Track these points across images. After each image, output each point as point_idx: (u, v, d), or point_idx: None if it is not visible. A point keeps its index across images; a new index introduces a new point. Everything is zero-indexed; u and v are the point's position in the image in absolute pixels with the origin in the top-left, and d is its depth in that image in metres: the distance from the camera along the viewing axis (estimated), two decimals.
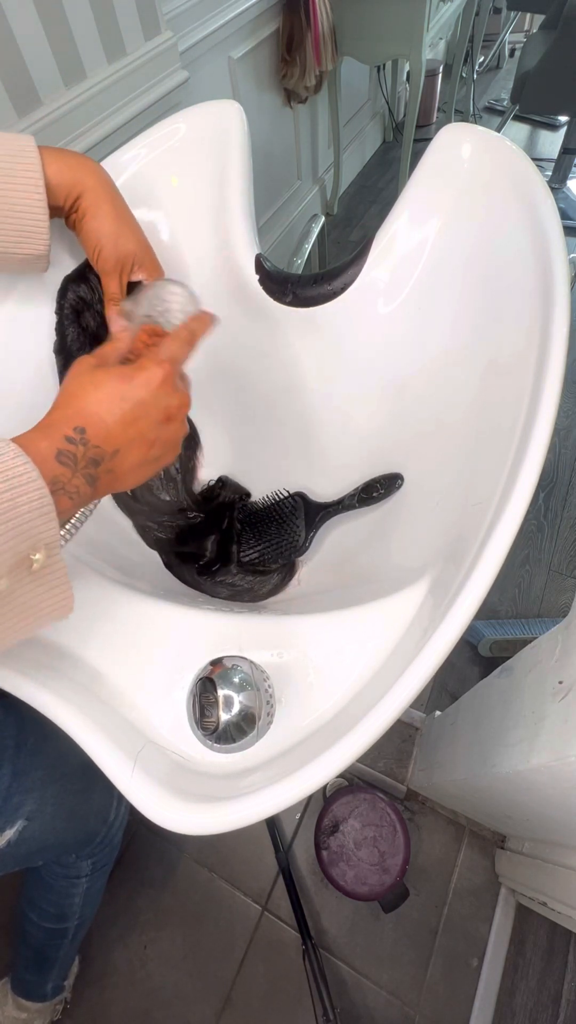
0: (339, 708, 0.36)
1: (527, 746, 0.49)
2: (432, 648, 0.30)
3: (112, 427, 0.30)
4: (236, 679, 0.34)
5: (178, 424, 0.34)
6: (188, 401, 0.35)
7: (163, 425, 0.33)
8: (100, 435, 0.30)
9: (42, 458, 0.27)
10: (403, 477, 0.51)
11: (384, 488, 0.52)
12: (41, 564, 0.26)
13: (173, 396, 0.33)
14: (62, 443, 0.28)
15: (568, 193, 2.13)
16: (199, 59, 1.18)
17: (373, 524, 0.54)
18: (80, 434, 0.29)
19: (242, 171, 0.53)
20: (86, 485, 0.29)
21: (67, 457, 0.28)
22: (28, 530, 0.25)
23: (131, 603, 0.42)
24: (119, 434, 0.31)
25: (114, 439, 0.30)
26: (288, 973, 0.86)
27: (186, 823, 0.29)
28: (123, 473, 0.32)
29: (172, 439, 0.34)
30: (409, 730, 0.98)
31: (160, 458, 0.34)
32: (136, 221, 0.44)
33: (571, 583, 1.24)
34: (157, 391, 0.32)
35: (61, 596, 0.29)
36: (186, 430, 0.36)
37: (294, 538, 0.55)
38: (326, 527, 0.57)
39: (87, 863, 0.67)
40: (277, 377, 0.59)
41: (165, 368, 0.33)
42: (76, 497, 0.29)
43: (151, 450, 0.33)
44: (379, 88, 2.24)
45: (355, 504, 0.53)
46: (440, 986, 0.84)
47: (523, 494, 0.31)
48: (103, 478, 0.31)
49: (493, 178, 0.45)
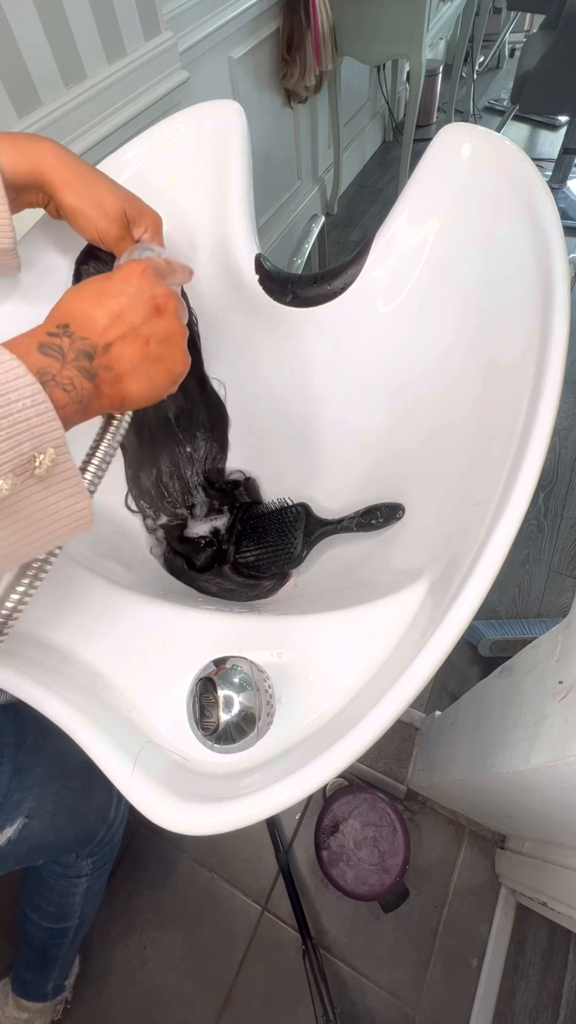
0: (339, 708, 0.36)
1: (527, 746, 0.49)
2: (432, 648, 0.30)
3: (98, 319, 0.29)
4: (236, 679, 0.34)
5: (171, 318, 0.33)
6: (176, 297, 0.34)
7: (154, 318, 0.32)
8: (86, 327, 0.29)
9: (23, 351, 0.26)
10: (404, 509, 0.50)
11: (384, 517, 0.51)
12: (47, 468, 0.25)
13: (157, 287, 0.33)
14: (44, 338, 0.28)
15: (568, 193, 2.13)
16: (199, 59, 1.18)
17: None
18: (63, 328, 0.28)
19: (242, 171, 0.53)
20: (82, 379, 0.28)
21: (51, 349, 0.27)
22: (27, 427, 0.24)
23: (131, 603, 0.42)
24: (107, 327, 0.30)
25: (102, 331, 0.29)
26: (288, 973, 0.86)
27: (186, 823, 0.29)
28: (124, 371, 0.30)
29: (167, 334, 0.33)
30: (409, 730, 0.98)
31: (164, 358, 0.33)
32: (109, 178, 0.42)
33: (571, 583, 1.24)
34: (139, 283, 0.32)
35: (77, 504, 0.27)
36: (185, 331, 0.35)
37: (291, 548, 0.55)
38: (324, 543, 0.56)
39: (87, 862, 0.67)
40: (277, 377, 0.59)
41: (143, 262, 0.33)
42: (72, 391, 0.28)
43: (149, 346, 0.31)
44: (379, 88, 2.24)
45: (353, 527, 0.53)
46: (440, 986, 0.84)
47: (523, 494, 0.31)
48: (102, 375, 0.29)
49: (493, 178, 0.45)
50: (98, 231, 0.41)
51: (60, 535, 0.27)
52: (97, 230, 0.41)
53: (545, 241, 0.40)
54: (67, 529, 0.27)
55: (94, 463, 0.31)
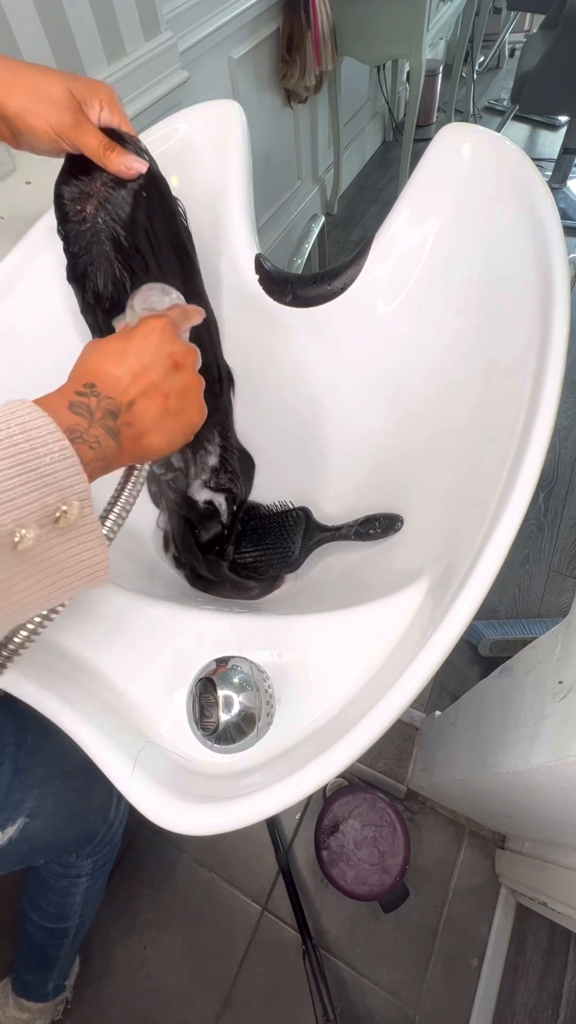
0: (339, 708, 0.36)
1: (527, 746, 0.49)
2: (432, 648, 0.30)
3: (121, 378, 0.31)
4: (236, 679, 0.34)
5: (189, 373, 0.34)
6: (195, 352, 0.35)
7: (174, 374, 0.33)
8: (110, 387, 0.30)
9: (54, 410, 0.27)
10: (402, 520, 0.51)
11: (382, 528, 0.52)
12: (71, 520, 0.26)
13: (176, 344, 0.34)
14: (73, 397, 0.29)
15: (568, 193, 2.13)
16: (199, 59, 1.18)
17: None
18: (90, 388, 0.30)
19: (242, 171, 0.53)
20: (107, 437, 0.29)
21: (80, 408, 0.29)
22: (55, 480, 0.25)
23: (131, 604, 0.42)
24: (129, 385, 0.31)
25: (125, 390, 0.31)
26: (288, 973, 0.86)
27: (186, 823, 0.29)
28: (145, 427, 0.32)
29: (188, 389, 0.34)
30: (409, 730, 0.98)
31: (182, 412, 0.34)
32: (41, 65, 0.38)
33: (571, 583, 1.24)
34: (158, 340, 0.33)
35: (95, 557, 0.28)
36: (202, 383, 0.36)
37: (289, 552, 0.55)
38: (323, 548, 0.56)
39: (87, 862, 0.67)
40: (277, 377, 0.59)
41: (162, 320, 0.34)
42: (98, 448, 0.29)
43: (168, 401, 0.33)
44: (379, 88, 2.24)
45: (351, 536, 0.53)
46: (440, 986, 0.84)
47: (523, 494, 0.31)
48: (125, 432, 0.30)
49: (493, 178, 0.45)
50: (51, 126, 0.37)
51: (76, 586, 0.28)
52: (50, 125, 0.37)
53: (545, 241, 0.40)
54: (83, 581, 0.28)
55: (115, 512, 0.32)
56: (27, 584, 0.26)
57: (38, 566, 0.26)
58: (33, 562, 0.25)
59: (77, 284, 0.43)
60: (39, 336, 0.52)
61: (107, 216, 0.40)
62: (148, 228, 0.41)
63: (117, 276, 0.42)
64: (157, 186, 0.42)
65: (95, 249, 0.41)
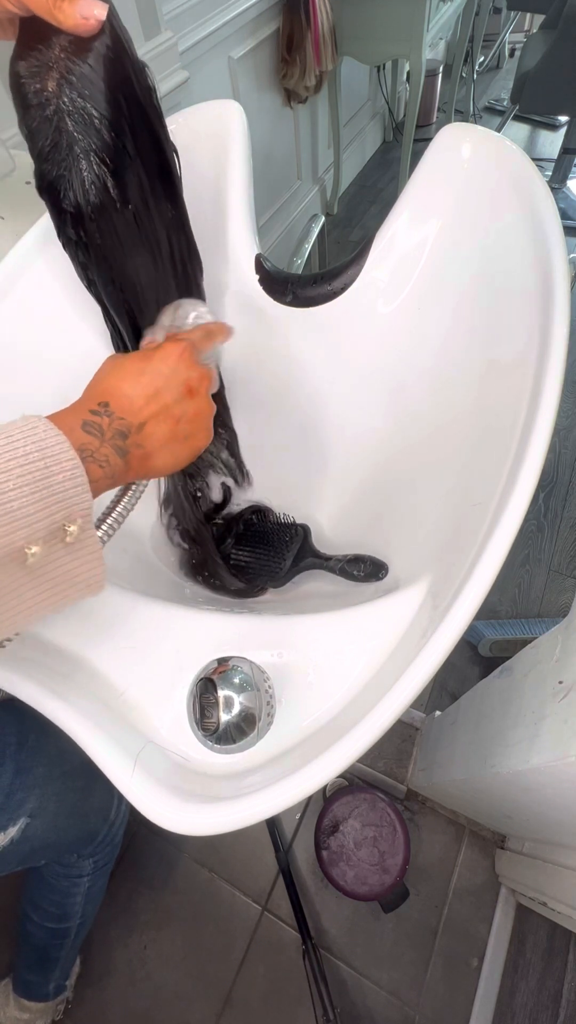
0: (339, 708, 0.36)
1: (527, 746, 0.49)
2: (432, 648, 0.30)
3: (134, 399, 0.31)
4: (236, 679, 0.34)
5: (202, 399, 0.35)
6: (210, 376, 0.36)
7: (186, 399, 0.33)
8: (123, 407, 0.31)
9: (68, 428, 0.28)
10: (387, 569, 0.51)
11: (365, 573, 0.51)
12: (76, 535, 0.27)
13: (192, 369, 0.34)
14: (87, 415, 0.30)
15: (568, 193, 2.13)
16: (199, 59, 1.18)
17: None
18: (104, 407, 0.30)
19: (242, 171, 0.53)
20: (116, 456, 0.30)
21: (93, 427, 0.29)
22: (64, 499, 0.26)
23: (131, 604, 0.42)
24: (142, 407, 0.31)
25: (138, 412, 0.31)
26: (288, 973, 0.86)
27: (186, 823, 0.29)
28: (153, 449, 0.32)
29: (198, 415, 0.34)
30: (409, 730, 0.98)
31: (191, 436, 0.34)
32: None
33: (571, 583, 1.24)
34: (175, 364, 0.33)
35: (94, 569, 0.29)
36: (213, 408, 0.36)
37: (278, 568, 0.55)
38: (310, 572, 0.56)
39: (88, 862, 0.67)
40: (277, 378, 0.59)
41: (182, 344, 0.34)
42: (107, 467, 0.29)
43: (178, 425, 0.33)
44: (379, 88, 2.24)
45: (336, 570, 0.53)
46: (440, 986, 0.84)
47: (523, 494, 0.31)
48: (133, 452, 0.31)
49: (493, 178, 0.45)
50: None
51: (73, 597, 0.29)
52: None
53: (545, 241, 0.40)
54: (80, 592, 0.29)
55: (108, 523, 0.33)
56: (29, 596, 0.27)
57: (39, 579, 0.26)
58: (35, 575, 0.26)
59: (49, 195, 0.36)
60: (39, 336, 0.52)
61: (73, 92, 0.32)
62: (123, 103, 0.34)
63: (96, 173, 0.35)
64: (124, 46, 0.33)
65: (64, 141, 0.33)
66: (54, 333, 0.52)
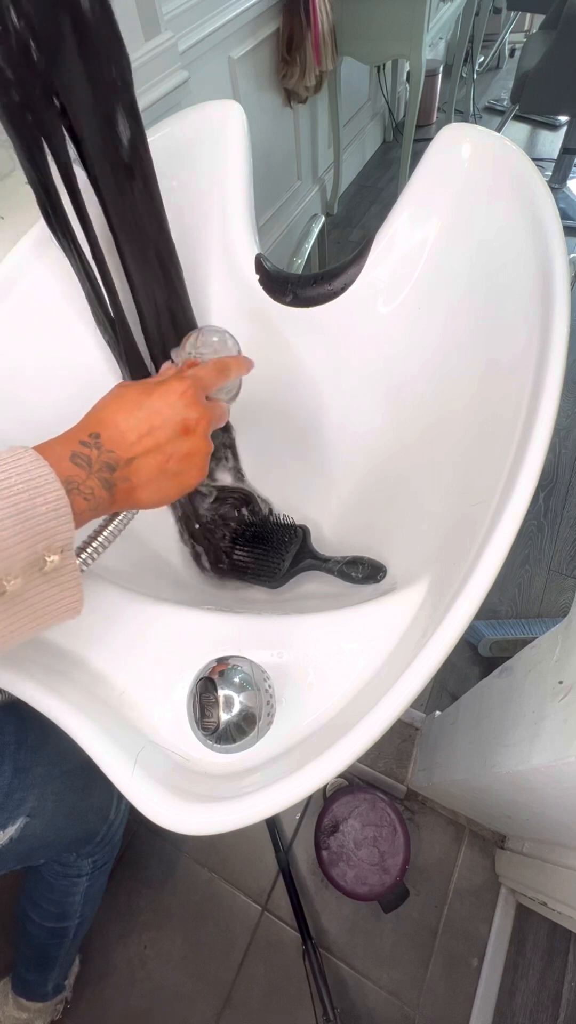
0: (339, 708, 0.36)
1: (527, 746, 0.49)
2: (432, 648, 0.30)
3: (127, 434, 0.31)
4: (236, 679, 0.34)
5: (198, 439, 0.34)
6: (209, 417, 0.35)
7: (181, 438, 0.33)
8: (115, 440, 0.30)
9: (57, 459, 0.28)
10: (385, 571, 0.51)
11: (363, 575, 0.52)
12: (55, 565, 0.27)
13: (192, 409, 0.33)
14: (76, 446, 0.29)
15: (568, 193, 2.13)
16: (199, 59, 1.18)
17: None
18: (95, 439, 0.30)
19: (242, 171, 0.53)
20: (102, 488, 0.30)
21: (81, 459, 0.29)
22: (45, 531, 0.26)
23: (131, 604, 0.42)
24: (134, 442, 0.31)
25: (129, 447, 0.31)
26: (288, 973, 0.86)
27: (186, 823, 0.29)
28: (140, 483, 0.32)
29: (191, 454, 0.34)
30: (409, 730, 0.98)
31: (181, 474, 0.33)
32: None
33: (571, 583, 1.24)
34: (175, 401, 0.33)
35: (72, 598, 0.29)
36: (210, 448, 0.35)
37: (276, 569, 0.55)
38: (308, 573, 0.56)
39: (88, 862, 0.67)
40: (277, 378, 0.59)
41: (186, 382, 0.33)
42: (92, 499, 0.29)
43: (168, 463, 0.32)
44: (379, 88, 2.24)
45: (335, 572, 0.53)
46: (440, 986, 0.84)
47: (523, 494, 0.31)
48: (120, 485, 0.31)
49: (493, 178, 0.45)
50: None
51: (49, 623, 0.29)
52: None
53: (545, 241, 0.40)
54: (56, 618, 0.29)
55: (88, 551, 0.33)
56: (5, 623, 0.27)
57: (17, 607, 0.26)
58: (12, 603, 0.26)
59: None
60: (38, 337, 0.52)
61: None
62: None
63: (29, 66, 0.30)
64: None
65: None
66: (53, 334, 0.52)
